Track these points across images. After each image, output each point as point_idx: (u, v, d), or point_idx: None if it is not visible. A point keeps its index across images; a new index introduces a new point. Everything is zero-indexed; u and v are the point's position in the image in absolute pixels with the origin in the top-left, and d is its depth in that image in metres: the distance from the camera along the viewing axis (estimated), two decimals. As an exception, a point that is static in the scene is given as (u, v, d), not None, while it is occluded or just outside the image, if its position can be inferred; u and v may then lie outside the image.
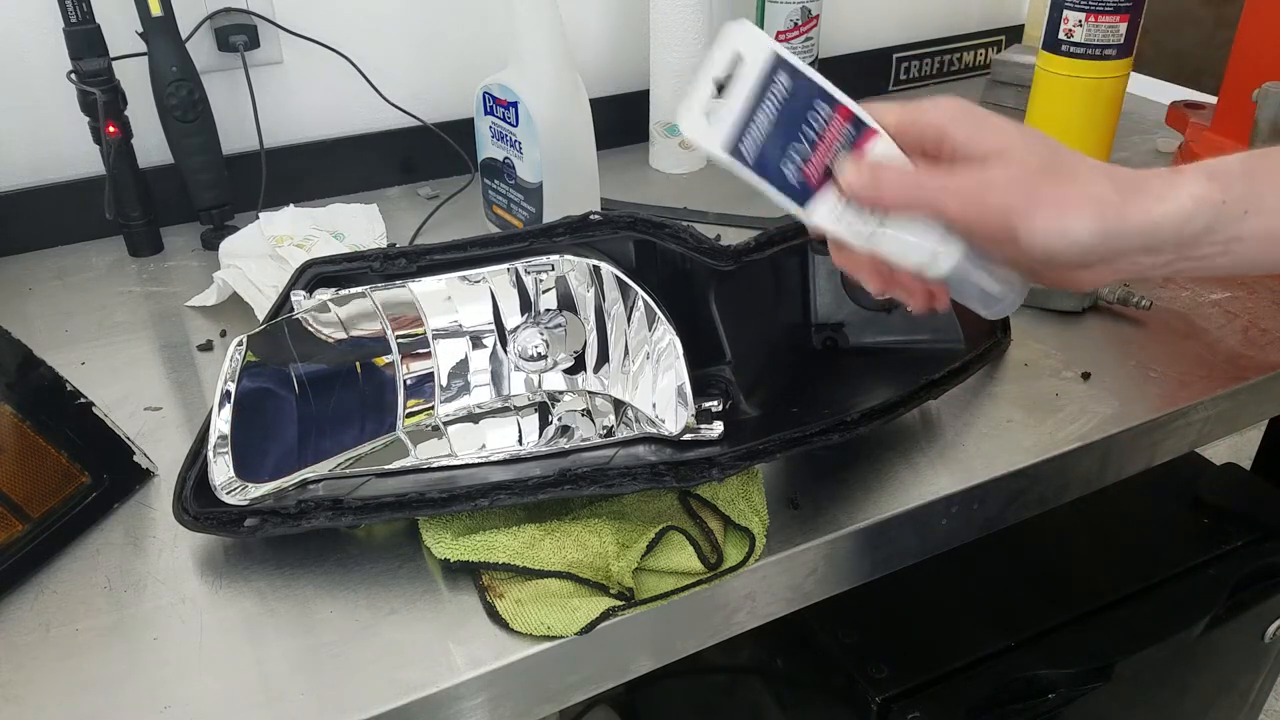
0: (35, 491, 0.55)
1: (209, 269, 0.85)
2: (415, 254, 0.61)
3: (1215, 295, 0.79)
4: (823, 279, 0.67)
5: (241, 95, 0.94)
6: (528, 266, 0.60)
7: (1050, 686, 0.72)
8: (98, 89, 0.83)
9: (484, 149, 0.88)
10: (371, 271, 0.61)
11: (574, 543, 0.53)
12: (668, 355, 0.57)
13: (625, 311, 0.59)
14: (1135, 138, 1.11)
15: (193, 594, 0.54)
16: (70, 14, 0.81)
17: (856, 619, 0.74)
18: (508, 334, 0.60)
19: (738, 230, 0.92)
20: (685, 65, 1.02)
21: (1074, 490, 0.66)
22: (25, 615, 0.53)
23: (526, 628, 0.50)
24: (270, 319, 0.62)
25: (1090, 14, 0.83)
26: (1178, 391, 0.68)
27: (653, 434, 0.57)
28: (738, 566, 0.54)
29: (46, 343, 0.77)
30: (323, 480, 0.56)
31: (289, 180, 0.97)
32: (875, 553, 0.59)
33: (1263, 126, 0.83)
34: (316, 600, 0.53)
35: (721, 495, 0.56)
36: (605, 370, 0.58)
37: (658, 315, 0.57)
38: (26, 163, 0.91)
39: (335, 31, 0.97)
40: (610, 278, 0.59)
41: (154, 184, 0.91)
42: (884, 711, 0.69)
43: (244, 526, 0.54)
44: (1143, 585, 0.79)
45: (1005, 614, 0.75)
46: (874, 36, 1.26)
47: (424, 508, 0.53)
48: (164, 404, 0.70)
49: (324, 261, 0.62)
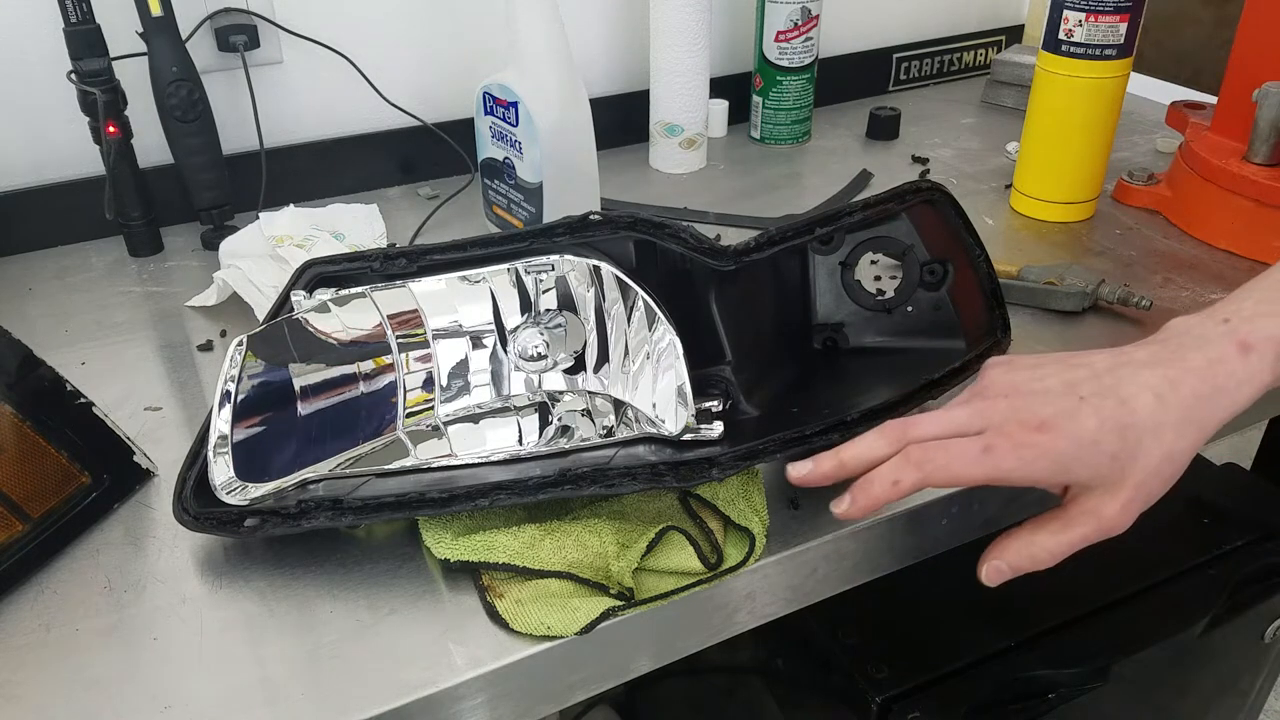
0: (35, 491, 0.55)
1: (209, 269, 0.85)
2: (415, 254, 0.61)
3: (1215, 295, 0.79)
4: (823, 279, 0.67)
5: (241, 95, 0.94)
6: (528, 266, 0.60)
7: (1050, 686, 0.72)
8: (98, 89, 0.83)
9: (484, 149, 0.88)
10: (371, 271, 0.61)
11: (574, 543, 0.53)
12: (668, 355, 0.57)
13: (625, 311, 0.59)
14: (1135, 138, 1.11)
15: (193, 594, 0.54)
16: (70, 14, 0.81)
17: (856, 619, 0.74)
18: (508, 334, 0.60)
19: (738, 230, 0.92)
20: (685, 65, 1.02)
21: (1074, 490, 0.66)
22: (25, 615, 0.53)
23: (526, 628, 0.50)
24: (270, 319, 0.62)
25: (1090, 14, 0.83)
26: (1178, 391, 0.68)
27: (653, 434, 0.57)
28: (738, 566, 0.54)
29: (46, 343, 0.77)
30: (323, 480, 0.56)
31: (289, 180, 0.97)
32: (875, 553, 0.59)
33: (1263, 126, 0.83)
34: (316, 600, 0.53)
35: (721, 495, 0.56)
36: (605, 370, 0.58)
37: (658, 315, 0.57)
38: (26, 163, 0.91)
39: (335, 31, 0.97)
40: (610, 278, 0.59)
41: (154, 184, 0.91)
42: (884, 711, 0.69)
43: (244, 526, 0.54)
44: (1143, 585, 0.78)
45: (1005, 614, 0.75)
46: (874, 36, 1.26)
47: (424, 508, 0.53)
48: (164, 404, 0.70)
49: (324, 261, 0.62)
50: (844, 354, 0.68)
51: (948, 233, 0.65)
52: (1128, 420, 0.46)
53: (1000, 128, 1.16)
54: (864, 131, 1.15)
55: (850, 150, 1.12)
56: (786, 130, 1.13)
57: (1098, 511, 0.47)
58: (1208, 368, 0.47)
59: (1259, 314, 0.48)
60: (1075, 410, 0.46)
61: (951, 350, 0.66)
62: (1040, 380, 0.49)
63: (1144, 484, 0.47)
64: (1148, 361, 0.48)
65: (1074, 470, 0.46)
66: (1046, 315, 0.77)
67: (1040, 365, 0.50)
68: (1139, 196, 0.94)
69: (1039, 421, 0.46)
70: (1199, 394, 0.46)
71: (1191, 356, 0.47)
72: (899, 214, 0.64)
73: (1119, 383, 0.47)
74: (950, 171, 1.05)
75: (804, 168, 1.08)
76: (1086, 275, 0.77)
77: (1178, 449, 0.46)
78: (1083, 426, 0.46)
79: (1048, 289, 0.77)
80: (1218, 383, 0.46)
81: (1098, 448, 0.46)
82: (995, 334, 0.70)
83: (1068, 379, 0.48)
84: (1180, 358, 0.48)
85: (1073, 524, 0.48)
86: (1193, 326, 0.49)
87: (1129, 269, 0.84)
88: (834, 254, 0.66)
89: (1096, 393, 0.47)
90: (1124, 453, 0.46)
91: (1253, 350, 0.47)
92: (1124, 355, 0.49)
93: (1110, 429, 0.46)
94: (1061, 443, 0.46)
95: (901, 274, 0.66)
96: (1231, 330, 0.48)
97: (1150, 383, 0.47)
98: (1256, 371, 0.47)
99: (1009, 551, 0.50)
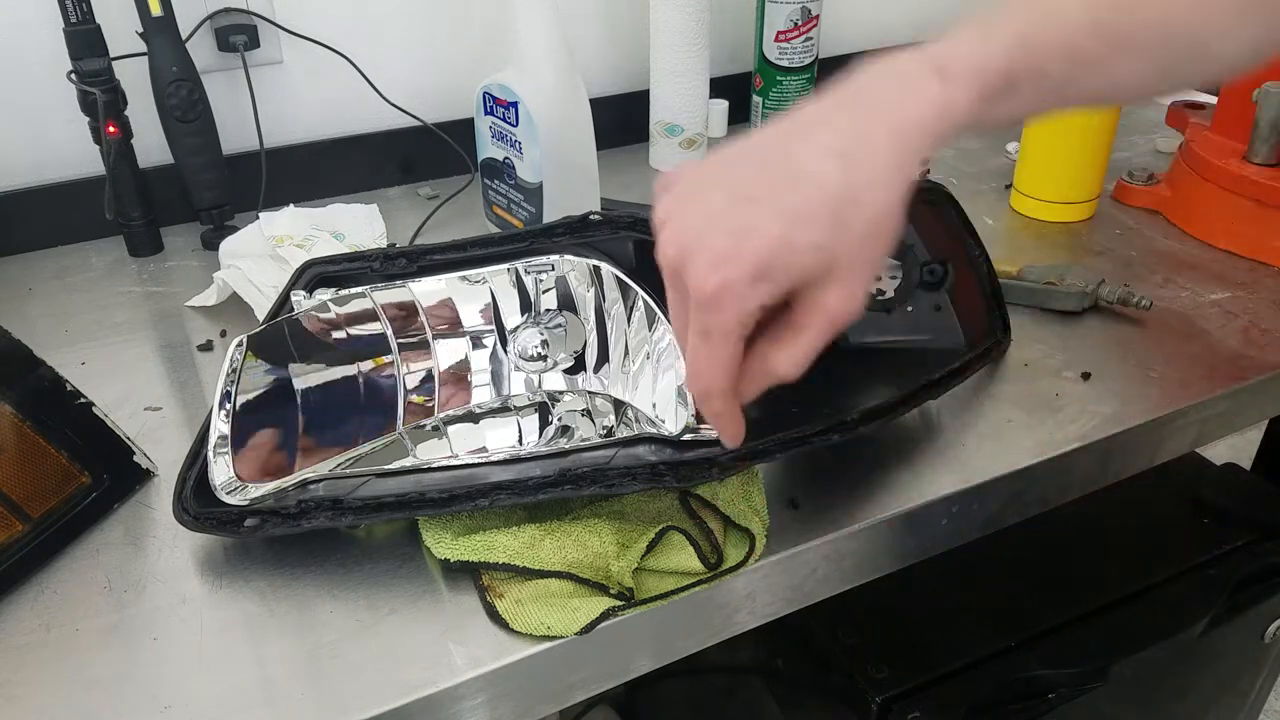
0: (35, 491, 0.55)
1: (209, 269, 0.85)
2: (415, 254, 0.61)
3: (1215, 295, 0.79)
4: (823, 279, 0.67)
5: (241, 95, 0.94)
6: (528, 266, 0.60)
7: (1050, 686, 0.72)
8: (98, 89, 0.83)
9: (484, 149, 0.88)
10: (371, 271, 0.61)
11: (574, 543, 0.53)
12: (668, 355, 0.57)
13: (625, 311, 0.59)
14: (1135, 138, 1.11)
15: (193, 594, 0.54)
16: (70, 14, 0.81)
17: (856, 619, 0.74)
18: (508, 334, 0.60)
19: (738, 230, 0.92)
20: (685, 65, 1.02)
21: (1074, 490, 0.66)
22: (25, 615, 0.53)
23: (526, 628, 0.50)
24: (270, 319, 0.62)
25: (1090, 14, 0.83)
26: (1178, 391, 0.68)
27: (653, 434, 0.57)
28: (738, 566, 0.54)
29: (46, 343, 0.77)
30: (323, 480, 0.56)
31: (289, 180, 0.97)
32: (875, 553, 0.59)
33: (1263, 126, 0.83)
34: (316, 600, 0.53)
35: (721, 495, 0.56)
36: (605, 370, 0.58)
37: (658, 315, 0.57)
38: (26, 163, 0.91)
39: (335, 31, 0.97)
40: (610, 278, 0.59)
41: (154, 184, 0.91)
42: (884, 711, 0.69)
43: (244, 526, 0.54)
44: (1143, 585, 0.79)
45: (1005, 614, 0.75)
46: (874, 36, 1.26)
47: (424, 508, 0.53)
48: (164, 404, 0.70)
49: (324, 261, 0.62)
50: (844, 354, 0.68)
51: (948, 233, 0.65)
52: (815, 202, 0.40)
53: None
54: (864, 131, 1.15)
55: (850, 150, 1.12)
56: (786, 130, 1.13)
57: (823, 305, 0.41)
58: (899, 102, 0.41)
59: (962, 40, 0.43)
60: (752, 219, 0.40)
61: (951, 350, 0.66)
62: (706, 202, 0.42)
63: (858, 255, 0.41)
64: (826, 117, 0.42)
65: (779, 279, 0.40)
66: (1046, 315, 0.77)
67: (701, 178, 0.43)
68: (1139, 196, 0.94)
69: (719, 257, 0.40)
70: (896, 132, 0.41)
71: (880, 93, 0.42)
72: (899, 214, 0.64)
73: (793, 161, 0.41)
74: (950, 171, 1.05)
75: (804, 168, 1.08)
76: (1086, 275, 0.77)
77: (883, 204, 0.41)
78: (766, 235, 0.39)
79: (1048, 289, 0.77)
80: (912, 115, 0.41)
81: (791, 246, 0.39)
82: (995, 334, 0.70)
83: (735, 184, 0.41)
84: (867, 98, 0.42)
85: (802, 328, 0.42)
86: (888, 60, 0.43)
87: (1129, 269, 0.84)
88: (834, 254, 0.66)
89: (769, 186, 0.41)
90: (825, 236, 0.40)
91: (949, 76, 0.42)
92: (798, 121, 0.42)
93: (799, 219, 0.40)
94: (748, 265, 0.39)
95: (901, 274, 0.66)
96: (929, 59, 0.42)
97: (831, 144, 0.41)
98: (954, 98, 0.41)
99: (748, 379, 0.44)
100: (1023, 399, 0.67)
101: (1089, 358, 0.72)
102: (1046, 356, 0.72)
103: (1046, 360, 0.71)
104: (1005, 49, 0.43)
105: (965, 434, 0.64)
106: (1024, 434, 0.64)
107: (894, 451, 0.63)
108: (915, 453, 0.63)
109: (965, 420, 0.65)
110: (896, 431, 0.64)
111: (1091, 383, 0.69)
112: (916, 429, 0.65)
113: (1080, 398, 0.67)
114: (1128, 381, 0.69)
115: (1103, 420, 0.65)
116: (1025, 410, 0.66)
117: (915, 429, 0.65)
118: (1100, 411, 0.66)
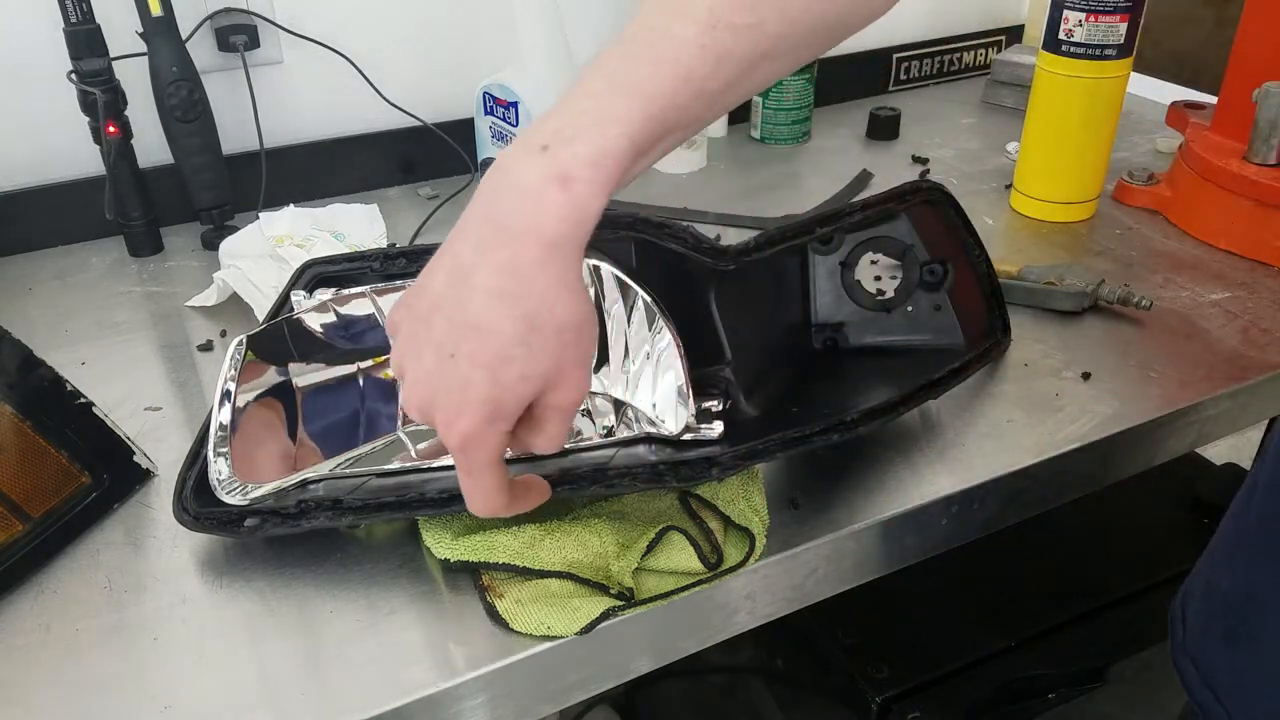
0: (35, 491, 0.55)
1: (209, 269, 0.85)
2: (415, 254, 0.61)
3: (1215, 295, 0.79)
4: (823, 279, 0.67)
5: (241, 95, 0.94)
6: (528, 266, 0.60)
7: (1050, 687, 0.72)
8: (98, 89, 0.83)
9: (484, 149, 0.88)
10: (371, 271, 0.61)
11: (574, 543, 0.53)
12: (667, 355, 0.57)
13: (625, 311, 0.59)
14: (1135, 138, 1.11)
15: (193, 594, 0.54)
16: (70, 14, 0.81)
17: (856, 619, 0.74)
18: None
19: (738, 230, 0.92)
20: (685, 65, 1.01)
21: (1074, 490, 0.66)
22: (25, 615, 0.53)
23: (526, 628, 0.50)
24: (270, 319, 0.62)
25: (1090, 14, 0.83)
26: (1178, 391, 0.68)
27: (653, 434, 0.57)
28: (738, 566, 0.54)
29: (46, 343, 0.77)
30: (323, 480, 0.56)
31: (289, 180, 0.97)
32: (875, 553, 0.59)
33: (1263, 126, 0.83)
34: (316, 600, 0.53)
35: (721, 495, 0.56)
36: (605, 370, 0.58)
37: (658, 315, 0.57)
38: (26, 163, 0.91)
39: (335, 31, 0.97)
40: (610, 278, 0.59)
41: (154, 184, 0.91)
42: (884, 711, 0.69)
43: (244, 526, 0.54)
44: (1143, 585, 0.79)
45: (1005, 614, 0.75)
46: (874, 36, 1.26)
47: (424, 508, 0.53)
48: (164, 404, 0.70)
49: (324, 261, 0.62)
50: (844, 354, 0.68)
51: (948, 233, 0.65)
52: (502, 345, 0.42)
53: (1000, 128, 1.16)
54: (864, 131, 1.15)
55: (850, 150, 1.12)
56: (786, 130, 1.13)
57: (554, 405, 0.44)
58: (531, 221, 0.41)
59: (581, 131, 0.42)
60: (460, 375, 0.42)
61: (951, 350, 0.66)
62: (421, 362, 0.44)
63: (564, 363, 0.43)
64: (474, 260, 0.42)
65: (508, 413, 0.43)
66: (1046, 315, 0.77)
67: (414, 330, 0.45)
68: (1139, 196, 0.94)
69: (451, 413, 0.43)
70: (540, 251, 0.41)
71: (509, 213, 0.42)
72: (899, 214, 0.64)
73: (469, 313, 0.42)
74: (950, 171, 1.05)
75: (804, 168, 1.08)
76: (1086, 275, 0.77)
77: (561, 316, 0.42)
78: (478, 386, 0.42)
79: (1048, 289, 0.77)
80: (548, 232, 0.41)
81: (502, 386, 0.42)
82: (995, 334, 0.70)
83: (436, 342, 0.43)
84: (505, 229, 0.42)
85: (546, 421, 0.45)
86: (513, 167, 0.42)
87: (1129, 269, 0.84)
88: (834, 254, 0.66)
89: (461, 341, 0.42)
90: (526, 367, 0.42)
91: (571, 182, 0.41)
92: (458, 261, 0.43)
93: (497, 363, 0.42)
94: (476, 415, 0.42)
95: (901, 274, 0.66)
96: (549, 166, 0.41)
97: (491, 287, 0.41)
98: (581, 204, 0.41)
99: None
100: (1022, 399, 0.67)
101: (1089, 358, 0.72)
102: (1046, 356, 0.72)
103: (1046, 360, 0.71)
104: (627, 131, 0.42)
105: (965, 434, 0.64)
106: (1024, 434, 0.64)
107: (894, 451, 0.63)
108: (915, 453, 0.63)
109: (965, 420, 0.65)
110: (896, 431, 0.64)
111: (1091, 383, 0.69)
112: (916, 429, 0.65)
113: (1080, 398, 0.67)
114: (1128, 381, 0.69)
115: (1102, 420, 0.65)
116: (1025, 410, 0.66)
117: (915, 429, 0.65)
118: (1100, 411, 0.66)
